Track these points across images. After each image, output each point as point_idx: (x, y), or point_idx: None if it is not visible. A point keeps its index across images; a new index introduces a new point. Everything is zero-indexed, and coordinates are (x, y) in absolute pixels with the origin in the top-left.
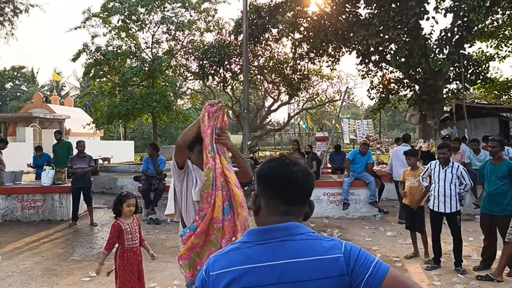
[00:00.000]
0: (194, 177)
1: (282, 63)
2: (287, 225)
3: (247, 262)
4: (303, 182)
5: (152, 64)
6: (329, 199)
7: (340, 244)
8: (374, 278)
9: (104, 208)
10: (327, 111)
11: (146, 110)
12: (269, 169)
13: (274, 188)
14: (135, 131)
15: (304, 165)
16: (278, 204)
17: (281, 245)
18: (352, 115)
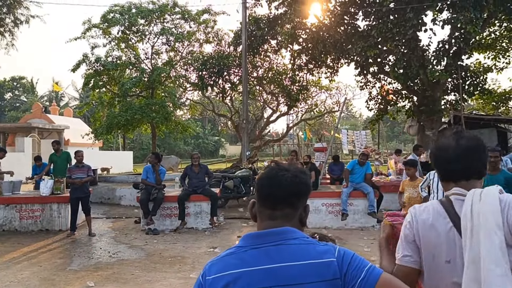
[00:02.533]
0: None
1: (281, 74)
2: (280, 229)
3: (242, 266)
4: (287, 185)
5: (152, 74)
6: (328, 209)
7: (334, 248)
8: (367, 282)
9: (103, 218)
10: (325, 121)
11: (145, 120)
12: (260, 177)
13: (261, 194)
14: (134, 141)
15: (296, 170)
16: (265, 209)
17: (275, 249)
18: (351, 126)
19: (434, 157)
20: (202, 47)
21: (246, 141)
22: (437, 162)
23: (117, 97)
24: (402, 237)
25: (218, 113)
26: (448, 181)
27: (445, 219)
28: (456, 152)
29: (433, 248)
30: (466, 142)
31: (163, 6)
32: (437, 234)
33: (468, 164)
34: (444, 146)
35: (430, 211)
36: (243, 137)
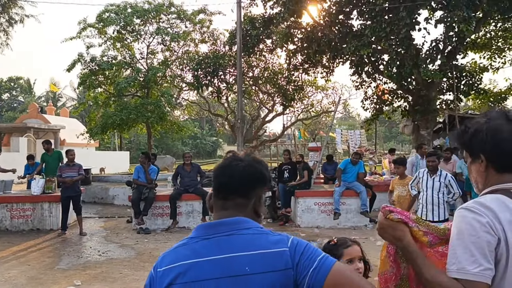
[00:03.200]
0: None
1: (277, 74)
2: (233, 219)
3: (193, 257)
4: (239, 175)
5: (147, 74)
6: (320, 208)
7: (287, 238)
8: (319, 272)
9: (95, 217)
10: (322, 121)
11: (140, 120)
12: (214, 167)
13: (215, 184)
14: (131, 142)
15: (251, 159)
16: (218, 199)
17: (226, 239)
18: (349, 126)
19: (493, 141)
20: (197, 47)
21: (241, 141)
22: (498, 147)
23: (113, 96)
24: (478, 243)
25: (214, 113)
26: (505, 173)
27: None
28: None
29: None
30: None
31: (159, 6)
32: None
33: None
34: (501, 129)
35: (510, 207)
36: (238, 137)
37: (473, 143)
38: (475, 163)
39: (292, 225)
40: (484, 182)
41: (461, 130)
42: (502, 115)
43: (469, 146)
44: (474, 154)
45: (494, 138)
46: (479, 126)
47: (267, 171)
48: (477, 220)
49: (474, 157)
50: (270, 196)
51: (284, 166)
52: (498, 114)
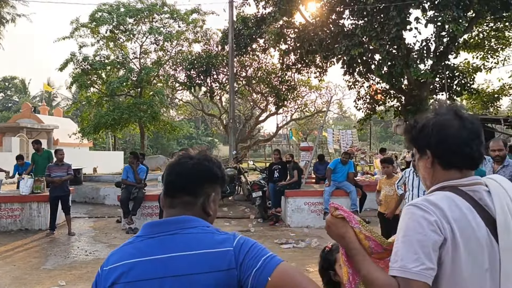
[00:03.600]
0: None
1: (270, 74)
2: (178, 218)
3: (136, 256)
4: (186, 172)
5: (140, 74)
6: (310, 208)
7: (234, 238)
8: (262, 272)
9: (85, 217)
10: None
11: (133, 120)
12: (166, 165)
13: (164, 182)
14: (127, 142)
15: (201, 157)
16: (166, 197)
17: (170, 238)
18: (345, 126)
19: (438, 137)
20: (190, 46)
21: (233, 140)
22: (443, 143)
23: (105, 96)
24: (423, 241)
25: (208, 113)
26: (451, 169)
27: (472, 214)
28: (465, 132)
29: (472, 254)
30: (471, 122)
31: (152, 6)
32: (476, 235)
33: (478, 148)
34: (447, 124)
35: (459, 205)
36: (230, 136)
37: (420, 138)
38: (422, 159)
39: (282, 225)
40: (431, 178)
41: (409, 125)
42: (450, 111)
43: (416, 141)
44: (421, 150)
45: (440, 134)
46: (426, 121)
47: (220, 169)
48: (425, 218)
49: (421, 153)
50: (260, 196)
51: (274, 165)
52: (446, 109)
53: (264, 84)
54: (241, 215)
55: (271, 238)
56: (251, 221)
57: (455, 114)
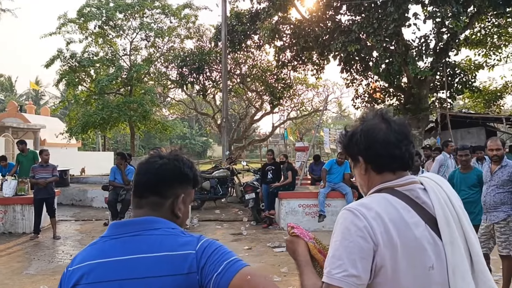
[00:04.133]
0: None
1: (265, 71)
2: (142, 219)
3: (99, 257)
4: (154, 172)
5: (130, 71)
6: (305, 210)
7: (198, 240)
8: (223, 276)
9: (71, 220)
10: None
11: (123, 119)
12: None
13: (133, 182)
14: (117, 142)
15: (172, 157)
16: (134, 197)
17: (132, 239)
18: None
19: (367, 142)
20: (182, 43)
21: (225, 140)
22: (372, 147)
23: (94, 94)
24: (350, 248)
25: (201, 112)
26: (384, 172)
27: (409, 213)
28: (393, 134)
29: (412, 254)
30: (398, 124)
31: (142, 0)
32: (414, 234)
33: (408, 149)
34: (375, 128)
35: (395, 206)
36: (223, 136)
37: (351, 146)
38: (356, 166)
39: (276, 228)
40: (367, 184)
41: (341, 133)
42: (377, 115)
43: (348, 149)
44: (353, 157)
45: (368, 139)
46: (355, 129)
47: (190, 169)
48: (354, 223)
49: (354, 161)
50: (253, 198)
51: (268, 166)
52: (373, 114)
53: (259, 82)
54: (233, 217)
55: (264, 241)
56: (243, 224)
57: (381, 118)
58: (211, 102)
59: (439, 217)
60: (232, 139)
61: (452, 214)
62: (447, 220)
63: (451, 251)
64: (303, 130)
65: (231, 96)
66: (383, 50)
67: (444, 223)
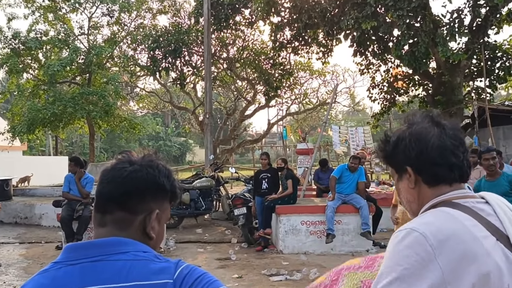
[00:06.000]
0: None
1: (259, 55)
2: (106, 240)
3: (51, 287)
4: (121, 181)
5: (88, 55)
6: (309, 229)
7: (176, 267)
8: None
9: (15, 243)
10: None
11: (80, 114)
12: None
13: (95, 194)
14: (73, 144)
15: (145, 163)
16: (96, 212)
17: (92, 266)
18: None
19: (418, 148)
20: (155, 19)
21: (209, 141)
22: (426, 155)
23: (43, 84)
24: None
25: (178, 105)
26: (440, 185)
27: (476, 227)
28: (448, 139)
29: (486, 273)
30: (451, 128)
31: None
32: (484, 249)
33: (465, 157)
34: (426, 133)
35: (457, 218)
36: (206, 135)
37: (396, 154)
38: (403, 179)
39: (273, 251)
40: (418, 201)
41: (381, 140)
42: (426, 118)
43: (392, 159)
44: (399, 169)
45: (419, 145)
46: (401, 133)
47: (168, 179)
48: (418, 250)
49: (400, 172)
50: (244, 214)
51: (262, 174)
52: (421, 117)
53: (251, 68)
54: (219, 238)
55: (258, 268)
56: (232, 246)
57: (432, 121)
58: (191, 94)
59: (511, 233)
60: (218, 140)
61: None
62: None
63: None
64: (307, 128)
65: (216, 85)
66: (406, 28)
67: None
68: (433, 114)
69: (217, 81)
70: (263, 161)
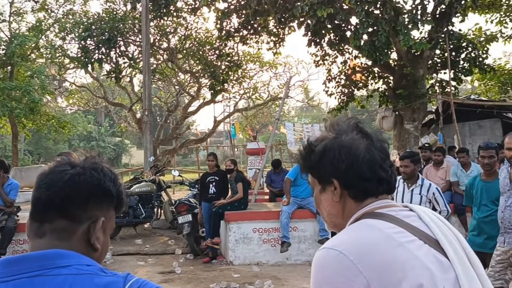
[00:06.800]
0: None
1: (203, 45)
2: (44, 253)
3: None
4: (61, 186)
5: (10, 44)
6: (262, 237)
7: (125, 281)
8: None
9: None
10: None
11: (0, 112)
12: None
13: (31, 201)
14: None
15: (89, 166)
16: (32, 221)
17: (29, 282)
18: (313, 119)
19: (349, 161)
20: (86, 5)
21: (149, 141)
22: (356, 168)
23: None
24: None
25: (114, 101)
26: (367, 199)
27: (400, 234)
28: (377, 152)
29: (419, 283)
30: (378, 140)
31: None
32: (416, 257)
33: (392, 170)
34: (355, 144)
35: (379, 228)
36: (145, 136)
37: (323, 165)
38: (326, 191)
39: (222, 262)
40: (342, 214)
41: (305, 148)
42: (354, 128)
43: (317, 169)
44: (324, 180)
45: (350, 158)
46: (329, 143)
47: (114, 184)
48: (340, 271)
49: (323, 184)
50: (190, 222)
51: (209, 177)
52: (348, 126)
53: (194, 60)
54: (162, 249)
55: (205, 282)
56: (176, 258)
57: (360, 132)
58: (128, 88)
59: (439, 236)
60: (158, 140)
61: (451, 236)
62: (448, 240)
63: (461, 270)
64: (258, 125)
65: (156, 79)
66: (365, 15)
67: (447, 243)
68: (360, 123)
69: (156, 74)
70: (210, 162)
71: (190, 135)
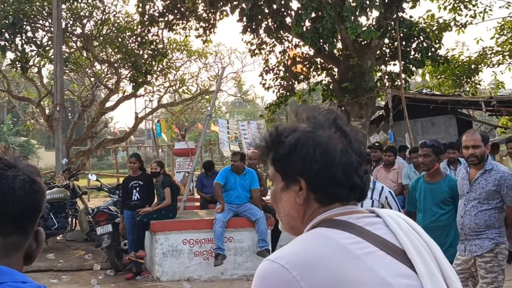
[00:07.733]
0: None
1: (123, 31)
2: None
3: None
4: (20, 194)
5: None
6: (193, 249)
7: None
8: None
9: None
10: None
11: None
12: None
13: None
14: None
15: (28, 168)
16: None
17: None
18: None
19: (323, 162)
20: None
21: (61, 141)
22: (330, 171)
23: None
24: None
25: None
26: (334, 204)
27: (357, 245)
28: (354, 155)
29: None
30: (356, 139)
31: None
32: (371, 270)
33: (367, 175)
34: (332, 143)
35: (333, 239)
36: (57, 134)
37: (292, 160)
38: (289, 190)
39: (148, 278)
40: (302, 217)
41: (270, 136)
42: (332, 124)
43: (284, 164)
44: (289, 178)
45: (325, 158)
46: (303, 137)
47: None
48: (281, 279)
49: (287, 181)
50: (110, 233)
51: (133, 181)
52: (325, 120)
53: (112, 48)
54: (78, 265)
55: None
56: (95, 274)
57: (339, 130)
58: (36, 80)
59: (407, 246)
60: (71, 139)
61: (421, 243)
62: (417, 250)
63: (430, 285)
64: (186, 123)
65: (68, 69)
66: (308, 0)
67: (415, 253)
68: (339, 119)
69: (69, 63)
70: (133, 164)
71: (107, 134)
